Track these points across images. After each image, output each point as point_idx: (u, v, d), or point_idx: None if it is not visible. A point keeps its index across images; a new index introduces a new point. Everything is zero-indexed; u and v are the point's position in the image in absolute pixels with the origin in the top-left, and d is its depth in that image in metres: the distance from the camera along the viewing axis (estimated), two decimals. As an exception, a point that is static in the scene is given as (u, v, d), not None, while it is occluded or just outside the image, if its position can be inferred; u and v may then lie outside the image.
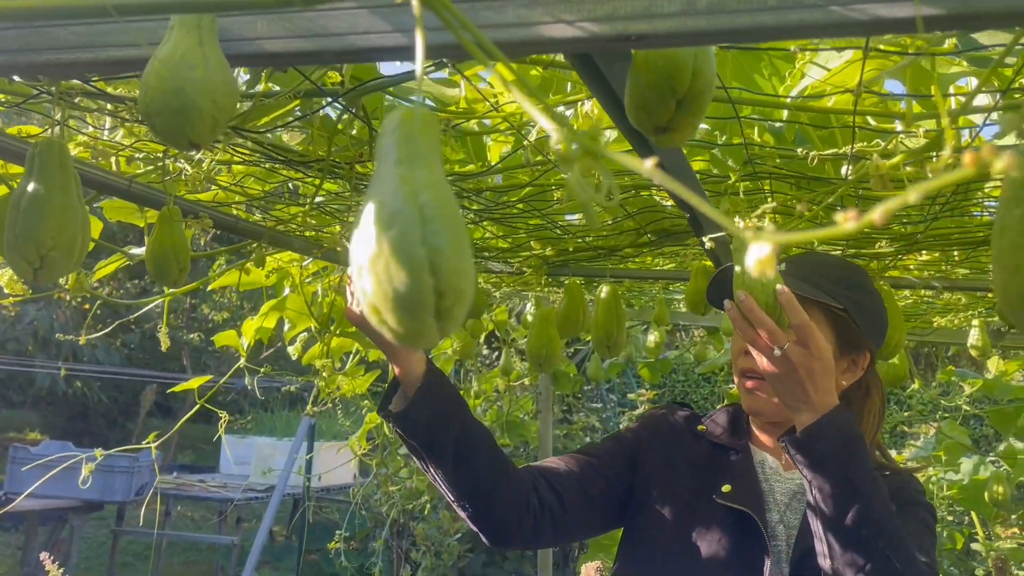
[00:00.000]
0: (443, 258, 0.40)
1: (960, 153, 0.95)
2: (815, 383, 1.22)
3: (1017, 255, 0.66)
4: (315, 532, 6.90)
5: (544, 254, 2.25)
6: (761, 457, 1.51)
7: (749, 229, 0.39)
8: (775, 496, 1.45)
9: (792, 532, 1.40)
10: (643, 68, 0.75)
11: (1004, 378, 4.02)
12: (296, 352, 2.43)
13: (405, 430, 1.35)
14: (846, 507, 1.19)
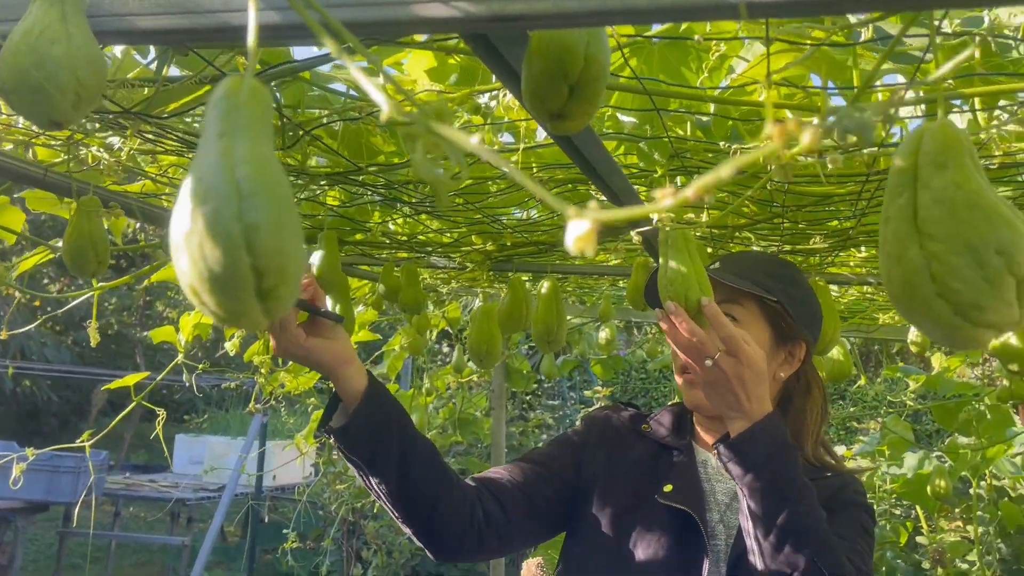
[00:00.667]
0: (261, 235, 0.38)
1: None
2: (747, 391, 1.24)
3: (899, 244, 0.66)
4: (270, 532, 6.82)
5: (486, 249, 2.23)
6: (704, 457, 1.52)
7: (578, 210, 0.37)
8: (716, 496, 1.46)
9: (732, 532, 1.41)
10: (536, 54, 0.74)
11: (947, 374, 4.10)
12: (234, 348, 2.39)
13: (346, 445, 1.30)
14: (775, 513, 1.21)
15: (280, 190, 0.40)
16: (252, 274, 0.39)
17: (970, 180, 0.64)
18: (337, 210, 1.91)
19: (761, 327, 1.48)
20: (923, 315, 0.65)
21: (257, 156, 0.40)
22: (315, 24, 0.44)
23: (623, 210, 0.37)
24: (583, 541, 1.52)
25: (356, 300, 3.07)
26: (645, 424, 1.61)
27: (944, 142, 0.66)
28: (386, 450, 1.31)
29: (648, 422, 1.61)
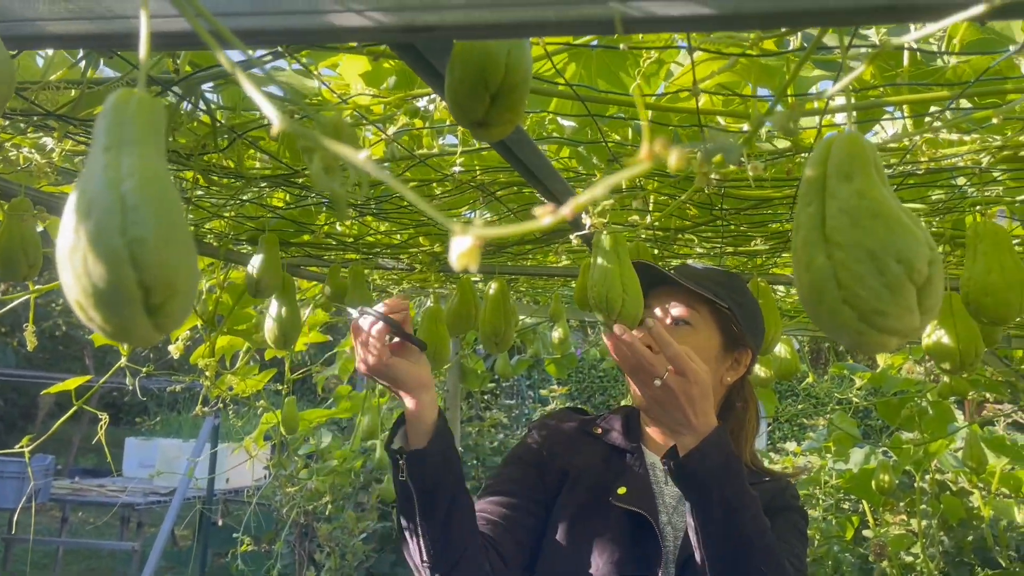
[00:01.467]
0: (146, 250, 0.38)
1: None
2: (694, 407, 1.26)
3: (808, 252, 0.68)
4: (223, 535, 6.72)
5: (433, 251, 2.23)
6: (652, 460, 1.54)
7: (460, 224, 0.38)
8: (664, 499, 1.49)
9: (679, 534, 1.44)
10: (458, 62, 0.74)
11: (891, 371, 4.20)
12: (178, 351, 2.35)
13: (415, 471, 1.26)
14: (724, 526, 1.24)
15: (168, 204, 0.40)
16: (139, 289, 0.38)
17: (873, 189, 0.66)
18: (281, 212, 1.90)
19: (712, 332, 1.52)
20: (831, 321, 0.67)
21: (144, 169, 0.40)
22: (206, 34, 0.44)
23: (507, 227, 0.37)
24: (543, 545, 1.50)
25: (306, 301, 3.04)
26: (596, 427, 1.61)
27: (850, 153, 0.68)
28: (445, 486, 1.29)
29: (599, 424, 1.62)
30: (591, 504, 1.47)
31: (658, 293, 1.54)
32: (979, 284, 1.36)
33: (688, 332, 1.50)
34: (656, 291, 1.54)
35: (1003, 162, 1.35)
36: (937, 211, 1.73)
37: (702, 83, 1.20)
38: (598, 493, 1.47)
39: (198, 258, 0.41)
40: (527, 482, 1.54)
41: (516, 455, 1.63)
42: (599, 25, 0.57)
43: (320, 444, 4.09)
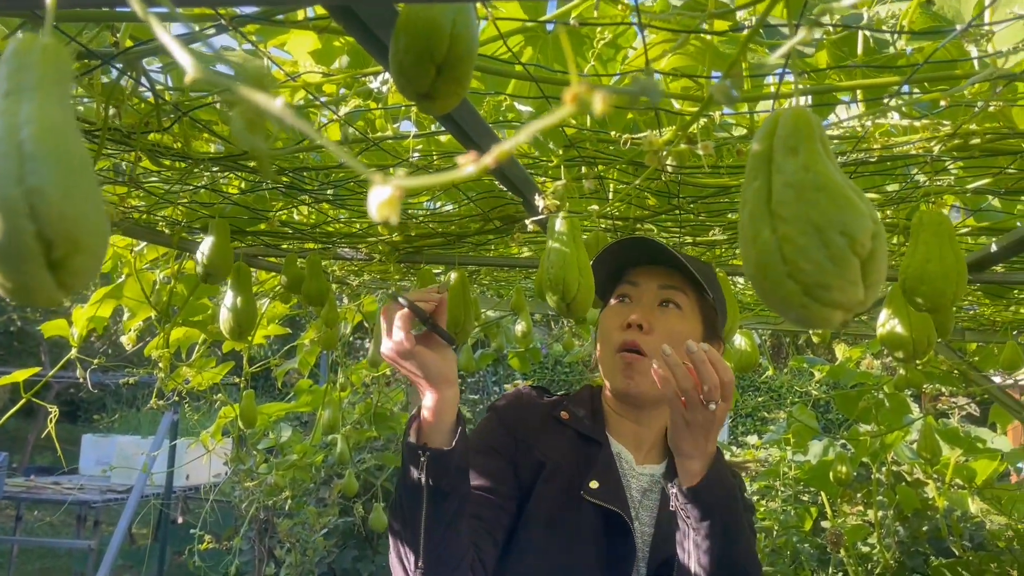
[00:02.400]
0: (45, 201, 0.36)
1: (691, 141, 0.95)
2: (715, 434, 1.25)
3: (754, 226, 0.67)
4: (183, 533, 6.62)
5: (392, 240, 2.20)
6: (618, 449, 1.49)
7: (383, 176, 0.36)
8: (631, 492, 1.45)
9: (646, 529, 1.41)
10: (402, 32, 0.72)
11: (849, 364, 4.25)
12: (130, 342, 2.30)
13: (437, 470, 1.18)
14: (724, 550, 1.24)
15: (70, 154, 0.38)
16: (38, 243, 0.36)
17: (819, 163, 0.66)
18: (236, 199, 1.86)
19: (697, 321, 1.49)
20: (776, 296, 0.67)
21: (44, 118, 0.37)
22: None
23: (429, 177, 0.36)
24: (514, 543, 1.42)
25: (265, 293, 3.00)
26: (563, 411, 1.53)
27: (796, 127, 0.67)
28: (459, 491, 1.22)
29: (567, 408, 1.54)
30: (564, 499, 1.41)
31: (647, 270, 1.50)
32: (916, 272, 1.38)
33: (677, 317, 1.47)
34: (644, 267, 1.50)
35: (954, 150, 1.37)
36: (892, 201, 1.75)
37: (657, 65, 1.20)
38: (571, 486, 1.41)
39: (104, 211, 0.38)
40: (504, 477, 1.44)
41: (489, 445, 1.49)
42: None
43: (280, 439, 4.04)
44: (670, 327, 1.44)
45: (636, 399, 1.47)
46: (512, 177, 1.38)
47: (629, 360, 1.42)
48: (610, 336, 1.46)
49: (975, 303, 3.07)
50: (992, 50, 1.04)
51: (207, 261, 1.63)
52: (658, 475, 1.47)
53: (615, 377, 1.45)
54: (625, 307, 1.48)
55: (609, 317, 1.50)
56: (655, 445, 1.51)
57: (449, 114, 0.95)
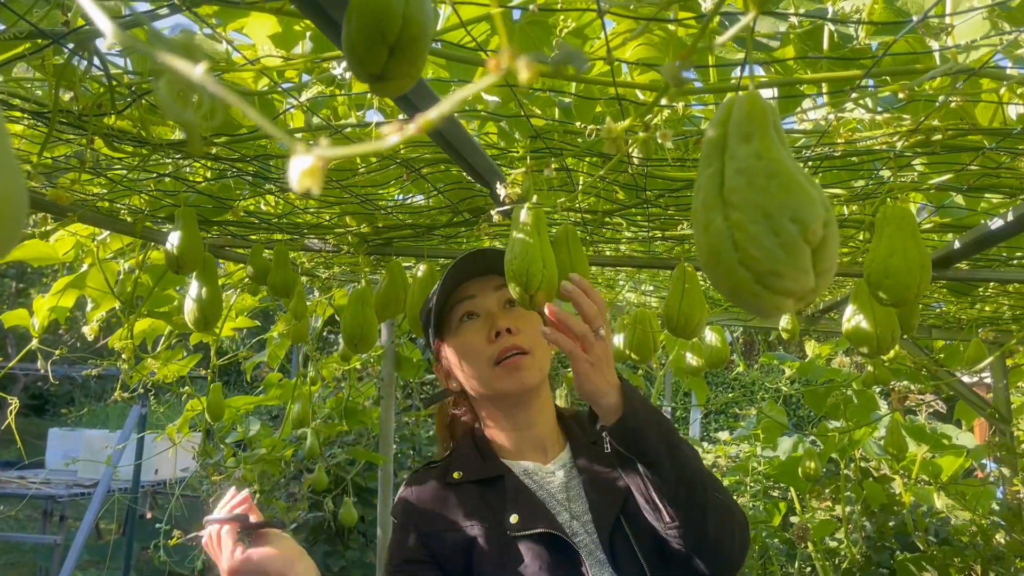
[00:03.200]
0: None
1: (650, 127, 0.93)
2: (611, 363, 1.28)
3: (707, 213, 0.67)
4: (151, 527, 6.54)
5: (360, 231, 2.18)
6: (522, 467, 1.48)
7: (306, 146, 0.35)
8: (555, 497, 1.43)
9: (587, 519, 1.39)
10: (355, 12, 0.71)
11: (819, 361, 4.29)
12: (93, 332, 2.26)
13: None
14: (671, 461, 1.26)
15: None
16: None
17: (771, 150, 0.65)
18: (200, 188, 1.84)
19: None
20: (728, 283, 0.66)
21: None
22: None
23: (351, 147, 0.35)
24: None
25: (233, 285, 2.96)
26: (453, 473, 1.48)
27: (750, 113, 0.67)
28: None
29: (455, 468, 1.50)
30: (497, 551, 1.36)
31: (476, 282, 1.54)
32: (881, 266, 1.38)
33: (522, 311, 1.51)
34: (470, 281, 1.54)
35: (916, 146, 1.38)
36: (857, 197, 1.76)
37: (622, 54, 1.19)
38: (494, 532, 1.37)
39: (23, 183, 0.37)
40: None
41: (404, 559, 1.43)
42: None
43: (248, 432, 4.00)
44: (526, 321, 1.50)
45: (527, 393, 1.49)
46: (478, 167, 1.37)
47: (516, 363, 1.45)
48: (481, 354, 1.47)
49: (941, 301, 3.11)
50: (952, 44, 1.05)
51: (178, 251, 1.60)
52: (568, 461, 1.50)
53: (503, 384, 1.46)
54: (479, 322, 1.51)
55: (469, 339, 1.50)
56: (552, 437, 1.55)
57: (406, 96, 0.94)
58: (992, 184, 1.62)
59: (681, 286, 1.89)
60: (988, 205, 1.84)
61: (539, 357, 1.49)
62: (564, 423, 1.60)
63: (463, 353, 1.50)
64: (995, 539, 3.55)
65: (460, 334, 1.51)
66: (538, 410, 1.52)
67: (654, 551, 1.33)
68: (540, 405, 1.53)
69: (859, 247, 2.22)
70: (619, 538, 1.35)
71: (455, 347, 1.53)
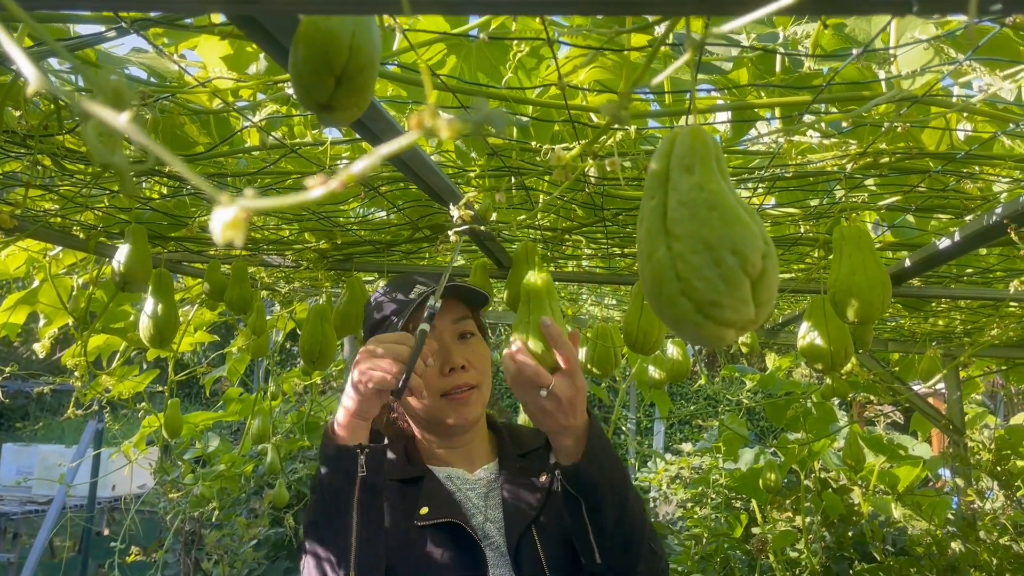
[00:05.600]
0: None
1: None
2: (575, 409, 1.24)
3: (651, 243, 0.68)
4: (107, 545, 6.40)
5: (319, 247, 2.17)
6: (445, 472, 1.51)
7: (229, 197, 0.35)
8: (473, 501, 1.46)
9: (499, 525, 1.42)
10: (301, 42, 0.71)
11: (779, 373, 4.34)
12: (45, 350, 2.22)
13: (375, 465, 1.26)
14: (617, 512, 1.27)
15: None
16: None
17: (713, 182, 0.66)
18: (155, 205, 1.81)
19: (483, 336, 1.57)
20: (670, 312, 0.67)
21: None
22: None
23: (274, 200, 0.34)
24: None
25: (191, 300, 2.92)
26: None
27: (692, 146, 0.68)
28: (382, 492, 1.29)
29: None
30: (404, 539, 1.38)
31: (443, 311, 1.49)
32: (844, 285, 1.41)
33: (477, 342, 1.53)
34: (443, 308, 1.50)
35: (865, 168, 1.41)
36: (811, 216, 1.79)
37: (576, 80, 1.20)
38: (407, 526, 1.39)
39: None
40: None
41: None
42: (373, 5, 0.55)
43: (207, 448, 3.94)
44: (478, 355, 1.50)
45: (469, 427, 1.51)
46: (435, 187, 1.37)
47: (463, 399, 1.46)
48: (430, 385, 1.46)
49: (896, 315, 3.17)
50: (896, 73, 1.07)
51: (124, 269, 1.58)
52: (494, 472, 1.52)
53: (447, 416, 1.47)
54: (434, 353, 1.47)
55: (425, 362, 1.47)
56: (481, 449, 1.56)
57: (360, 119, 0.94)
58: (940, 205, 1.65)
59: (640, 303, 1.90)
60: (939, 224, 1.88)
61: (484, 391, 1.51)
62: (496, 432, 1.62)
63: None
64: (950, 549, 3.61)
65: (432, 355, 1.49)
66: (472, 433, 1.54)
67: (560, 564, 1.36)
68: (475, 429, 1.54)
69: (815, 263, 2.26)
70: (526, 544, 1.38)
71: None
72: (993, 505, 3.99)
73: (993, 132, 1.23)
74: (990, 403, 7.53)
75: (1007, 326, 2.68)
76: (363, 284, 2.35)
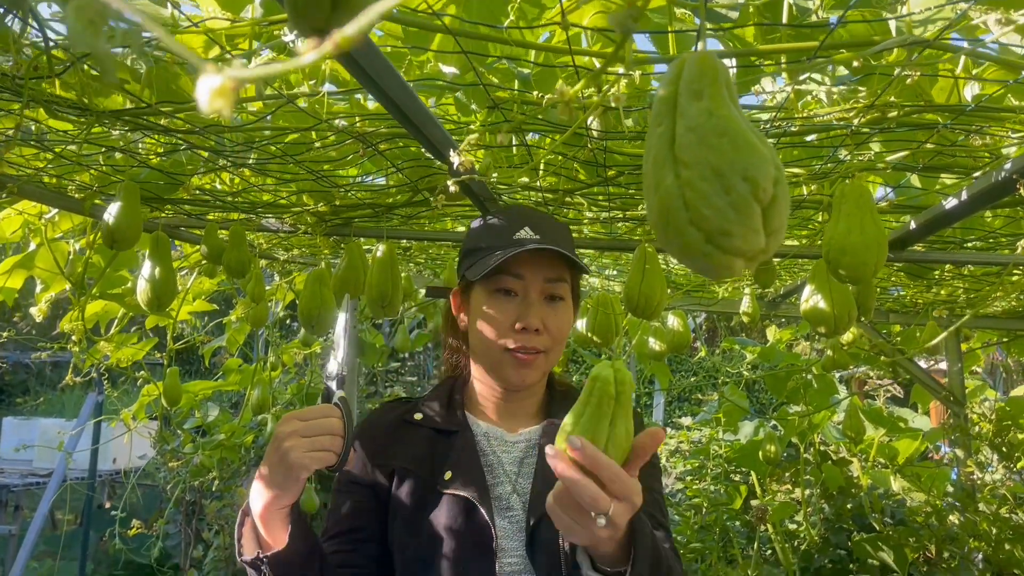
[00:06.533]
0: None
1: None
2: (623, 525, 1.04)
3: (658, 172, 0.66)
4: (109, 517, 6.43)
5: (318, 210, 2.14)
6: (484, 428, 1.45)
7: (216, 66, 0.33)
8: (504, 467, 1.40)
9: (525, 499, 1.35)
10: (295, -38, 0.68)
11: (779, 346, 4.34)
12: (42, 313, 2.20)
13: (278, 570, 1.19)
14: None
15: None
16: None
17: (722, 108, 0.64)
18: (151, 164, 1.79)
19: (572, 307, 1.47)
20: (678, 243, 0.65)
21: None
22: None
23: (263, 68, 0.32)
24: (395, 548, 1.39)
25: (189, 267, 2.90)
26: (416, 413, 1.48)
27: (701, 71, 0.66)
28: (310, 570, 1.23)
29: (419, 409, 1.49)
30: (424, 496, 1.36)
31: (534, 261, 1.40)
32: (839, 244, 1.39)
33: (563, 310, 1.44)
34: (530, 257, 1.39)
35: (872, 123, 1.38)
36: (816, 177, 1.76)
37: (579, 18, 1.18)
38: (429, 483, 1.36)
39: None
40: (367, 510, 1.41)
41: (344, 479, 1.45)
42: None
43: (207, 418, 3.94)
44: (559, 323, 1.42)
45: (523, 389, 1.45)
46: (434, 140, 1.34)
47: (527, 361, 1.39)
48: (500, 334, 1.39)
49: (898, 285, 3.15)
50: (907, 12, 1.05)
51: (113, 225, 1.55)
52: (534, 439, 1.44)
53: (503, 372, 1.41)
54: (513, 304, 1.41)
55: (496, 312, 1.41)
56: (530, 411, 1.50)
57: (355, 59, 0.91)
58: (947, 164, 1.63)
59: (642, 267, 1.89)
60: (944, 188, 1.86)
61: (552, 358, 1.43)
62: (551, 394, 1.53)
63: (485, 321, 1.41)
64: (949, 520, 3.62)
65: (491, 303, 1.41)
66: (527, 392, 1.47)
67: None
68: (532, 389, 1.47)
69: (817, 228, 2.24)
70: (547, 528, 1.27)
71: (480, 309, 1.43)
72: (993, 477, 3.99)
73: (1006, 80, 1.20)
74: (989, 379, 7.54)
75: (1010, 294, 2.66)
76: (362, 249, 2.33)
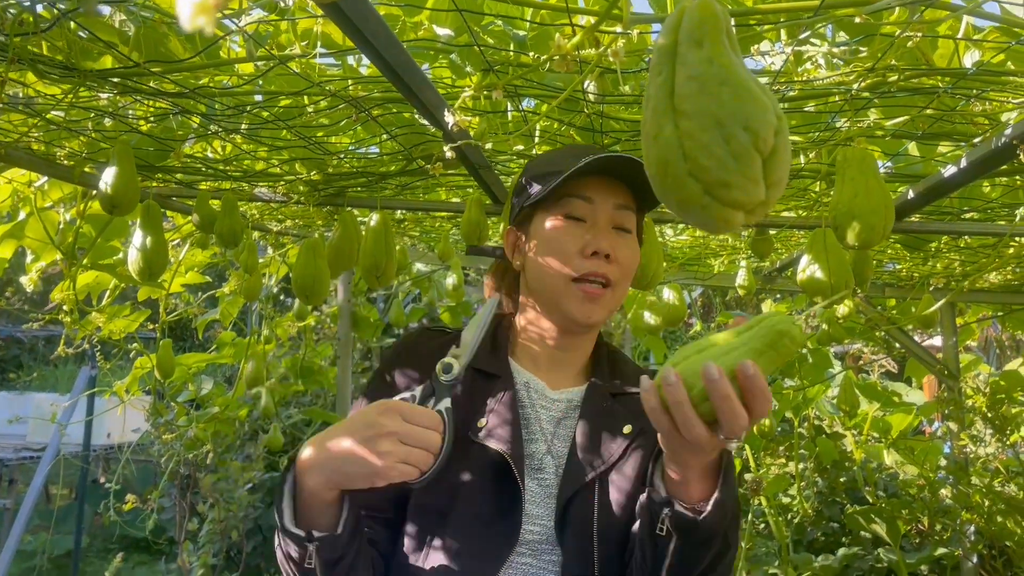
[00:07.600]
0: None
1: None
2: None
3: (656, 122, 0.64)
4: (104, 492, 6.44)
5: (311, 179, 2.12)
6: (526, 378, 1.33)
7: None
8: (541, 424, 1.29)
9: (560, 462, 1.25)
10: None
11: (774, 320, 4.32)
12: (33, 283, 2.18)
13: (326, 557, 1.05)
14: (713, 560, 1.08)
15: None
16: None
17: (723, 57, 0.63)
18: (142, 130, 1.76)
19: (637, 242, 1.35)
20: (677, 195, 0.64)
21: None
22: None
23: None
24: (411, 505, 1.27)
25: (181, 238, 2.88)
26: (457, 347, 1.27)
27: (702, 19, 0.64)
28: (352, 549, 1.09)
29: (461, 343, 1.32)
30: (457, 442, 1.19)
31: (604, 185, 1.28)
32: (846, 208, 1.38)
33: (629, 243, 1.30)
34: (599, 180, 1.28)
35: (872, 88, 1.36)
36: (815, 144, 1.75)
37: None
38: (462, 425, 1.23)
39: None
40: None
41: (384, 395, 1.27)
42: None
43: (200, 391, 3.93)
44: (628, 253, 1.29)
45: (585, 331, 1.34)
46: (428, 103, 1.32)
47: (594, 294, 1.26)
48: (567, 262, 1.26)
49: (894, 258, 3.14)
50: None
51: (112, 191, 1.53)
52: (576, 400, 1.33)
53: (567, 307, 1.27)
54: (582, 229, 1.27)
55: (563, 236, 1.27)
56: (576, 369, 1.38)
57: (344, 12, 0.89)
58: (946, 131, 1.61)
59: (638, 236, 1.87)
60: (942, 158, 1.84)
61: (618, 296, 1.31)
62: (598, 356, 1.40)
63: (549, 248, 1.28)
64: (941, 492, 3.64)
65: (556, 229, 1.28)
66: (581, 339, 1.36)
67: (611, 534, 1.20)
68: (587, 336, 1.36)
69: (815, 199, 2.22)
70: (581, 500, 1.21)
71: (543, 237, 1.30)
72: (986, 450, 4.01)
73: (1008, 42, 1.18)
74: (983, 355, 7.57)
75: (1007, 266, 2.66)
76: (356, 220, 2.31)
